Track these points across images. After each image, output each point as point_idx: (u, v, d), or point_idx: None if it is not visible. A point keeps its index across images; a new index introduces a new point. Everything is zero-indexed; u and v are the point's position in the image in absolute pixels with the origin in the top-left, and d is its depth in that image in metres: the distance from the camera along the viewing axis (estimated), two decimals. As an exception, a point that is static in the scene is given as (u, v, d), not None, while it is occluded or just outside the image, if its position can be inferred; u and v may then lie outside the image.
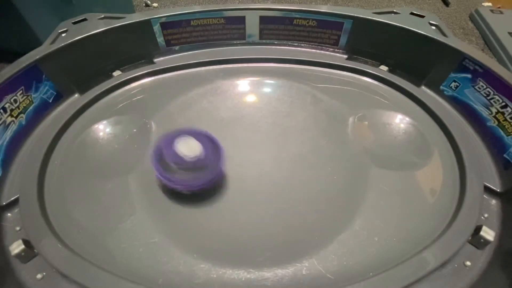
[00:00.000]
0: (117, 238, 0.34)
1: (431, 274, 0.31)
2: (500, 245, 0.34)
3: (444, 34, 0.50)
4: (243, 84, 0.53)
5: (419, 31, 0.50)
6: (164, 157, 0.33)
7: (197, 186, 0.35)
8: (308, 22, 0.57)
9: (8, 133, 0.42)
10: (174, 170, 0.33)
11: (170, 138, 0.34)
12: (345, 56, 0.59)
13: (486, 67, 0.45)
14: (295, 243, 0.34)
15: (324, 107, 0.49)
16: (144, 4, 1.23)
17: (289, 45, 0.61)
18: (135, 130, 0.45)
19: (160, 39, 0.57)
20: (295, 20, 0.57)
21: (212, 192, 0.39)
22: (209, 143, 0.35)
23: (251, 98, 0.51)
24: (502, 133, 0.43)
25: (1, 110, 0.41)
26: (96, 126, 0.46)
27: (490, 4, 1.26)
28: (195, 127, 0.36)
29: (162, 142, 0.34)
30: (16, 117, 0.43)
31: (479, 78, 0.46)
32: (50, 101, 0.49)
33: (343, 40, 0.58)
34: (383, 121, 0.47)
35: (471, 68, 0.47)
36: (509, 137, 0.42)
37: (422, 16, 0.54)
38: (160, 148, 0.34)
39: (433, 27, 0.52)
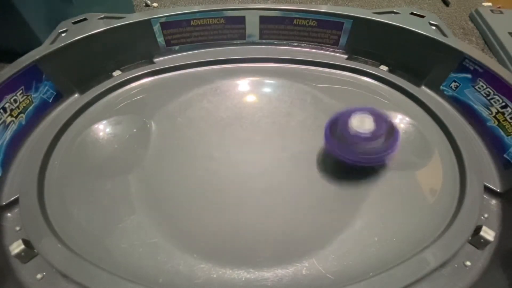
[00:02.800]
0: (117, 238, 0.34)
1: (431, 274, 0.31)
2: (500, 245, 0.34)
3: (444, 34, 0.50)
4: (243, 84, 0.53)
5: (419, 31, 0.50)
6: (338, 127, 0.34)
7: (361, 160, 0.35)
8: (308, 22, 0.57)
9: (8, 133, 0.42)
10: (345, 141, 0.34)
11: (348, 113, 0.35)
12: (345, 56, 0.59)
13: (486, 67, 0.45)
14: (295, 243, 0.34)
15: (324, 107, 0.49)
16: (144, 4, 1.23)
17: (289, 45, 0.61)
18: (135, 130, 0.45)
19: (160, 39, 0.57)
20: (295, 20, 0.57)
21: (212, 192, 0.39)
22: (385, 125, 0.35)
23: (251, 98, 0.51)
24: (502, 133, 0.43)
25: (1, 110, 0.41)
26: (96, 126, 0.46)
27: (490, 4, 1.26)
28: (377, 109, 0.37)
29: (339, 115, 0.35)
30: (16, 117, 0.43)
31: (479, 78, 0.46)
32: (50, 101, 0.49)
33: (343, 40, 0.58)
34: (383, 121, 0.47)
35: (471, 68, 0.47)
36: (509, 137, 0.42)
37: (422, 16, 0.54)
38: (336, 120, 0.35)
39: (433, 27, 0.52)
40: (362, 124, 0.33)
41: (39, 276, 0.32)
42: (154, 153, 0.43)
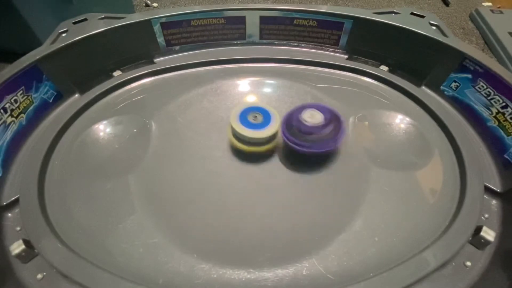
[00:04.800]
0: (117, 238, 0.34)
1: (431, 274, 0.31)
2: (500, 245, 0.34)
3: (444, 34, 0.50)
4: (243, 84, 0.53)
5: (419, 31, 0.50)
6: (291, 121, 0.40)
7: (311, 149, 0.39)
8: (308, 22, 0.57)
9: (9, 133, 0.42)
10: (297, 134, 0.39)
11: (300, 109, 0.40)
12: (345, 56, 0.59)
13: (486, 67, 0.45)
14: (295, 243, 0.34)
15: (324, 107, 0.49)
16: (144, 4, 1.23)
17: (289, 45, 0.61)
18: (135, 130, 0.46)
19: (160, 39, 0.57)
20: (295, 20, 0.57)
21: (213, 192, 0.39)
22: (333, 118, 0.40)
23: (251, 98, 0.51)
24: (503, 133, 0.43)
25: (2, 110, 0.41)
26: (96, 126, 0.46)
27: (490, 4, 1.26)
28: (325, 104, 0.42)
29: (293, 110, 0.41)
30: (16, 117, 0.43)
31: (479, 78, 0.46)
32: (51, 101, 0.49)
33: (343, 40, 0.58)
34: (383, 121, 0.47)
35: (472, 68, 0.47)
36: (510, 137, 0.42)
37: (422, 16, 0.54)
38: (290, 115, 0.40)
39: (433, 27, 0.52)
40: (312, 117, 0.39)
41: (39, 276, 0.32)
42: (154, 153, 0.43)
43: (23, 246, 0.32)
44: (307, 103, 0.42)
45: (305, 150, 0.38)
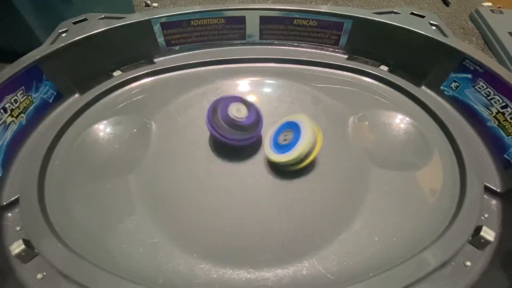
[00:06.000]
0: (117, 238, 0.35)
1: (431, 274, 0.31)
2: (500, 245, 0.34)
3: (444, 34, 0.50)
4: (243, 84, 0.53)
5: (419, 31, 0.50)
6: (217, 115, 0.39)
7: (238, 140, 0.40)
8: (308, 22, 0.57)
9: (9, 133, 0.42)
10: (223, 126, 0.39)
11: (226, 101, 0.41)
12: (345, 56, 0.59)
13: (486, 67, 0.45)
14: (295, 243, 0.34)
15: (324, 107, 0.49)
16: (144, 4, 1.23)
17: (289, 45, 0.61)
18: (135, 130, 0.46)
19: (160, 39, 0.57)
20: (295, 20, 0.57)
21: (213, 192, 0.39)
22: (254, 113, 0.41)
23: (251, 98, 0.51)
24: (503, 133, 0.43)
25: (2, 110, 0.41)
26: (96, 126, 0.46)
27: (490, 4, 1.26)
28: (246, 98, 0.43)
29: (218, 102, 0.41)
30: (16, 117, 0.43)
31: (479, 78, 0.46)
32: (51, 101, 0.49)
33: (343, 40, 0.58)
34: (383, 121, 0.47)
35: (471, 68, 0.47)
36: (509, 137, 0.42)
37: (422, 16, 0.54)
38: (216, 107, 0.40)
39: (433, 27, 0.52)
40: (239, 111, 0.39)
41: (39, 276, 0.32)
42: (154, 153, 0.43)
43: (23, 246, 0.32)
44: (228, 95, 0.43)
45: (231, 140, 0.39)
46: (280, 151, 0.38)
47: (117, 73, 0.55)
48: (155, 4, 1.23)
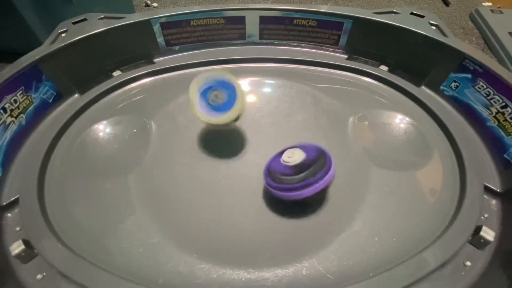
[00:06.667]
0: (117, 238, 0.35)
1: (431, 274, 0.31)
2: (500, 245, 0.34)
3: (444, 34, 0.50)
4: (243, 84, 0.53)
5: (419, 31, 0.50)
6: (271, 168, 0.34)
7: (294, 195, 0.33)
8: (308, 22, 0.57)
9: (8, 133, 0.42)
10: (280, 179, 0.33)
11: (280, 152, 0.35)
12: (345, 56, 0.59)
13: (486, 67, 0.45)
14: (295, 243, 0.34)
15: (324, 107, 0.49)
16: (144, 4, 1.23)
17: (289, 45, 0.61)
18: (135, 130, 0.46)
19: (160, 39, 0.57)
20: (295, 20, 0.57)
21: (213, 192, 0.39)
22: (317, 154, 0.34)
23: (251, 98, 0.51)
24: (502, 133, 0.43)
25: (1, 110, 0.41)
26: (96, 126, 0.46)
27: (490, 4, 1.26)
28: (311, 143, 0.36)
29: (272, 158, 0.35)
30: (16, 117, 0.43)
31: (479, 78, 0.46)
32: (50, 101, 0.49)
33: (343, 40, 0.58)
34: (383, 121, 0.47)
35: (471, 68, 0.47)
36: (509, 137, 0.42)
37: (422, 16, 0.54)
38: (270, 162, 0.35)
39: (433, 27, 0.52)
40: (292, 156, 0.34)
41: (39, 276, 0.32)
42: (154, 153, 0.43)
43: (23, 246, 0.32)
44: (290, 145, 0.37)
45: (287, 194, 0.33)
46: (217, 111, 0.36)
47: (117, 73, 0.55)
48: (155, 4, 1.23)
